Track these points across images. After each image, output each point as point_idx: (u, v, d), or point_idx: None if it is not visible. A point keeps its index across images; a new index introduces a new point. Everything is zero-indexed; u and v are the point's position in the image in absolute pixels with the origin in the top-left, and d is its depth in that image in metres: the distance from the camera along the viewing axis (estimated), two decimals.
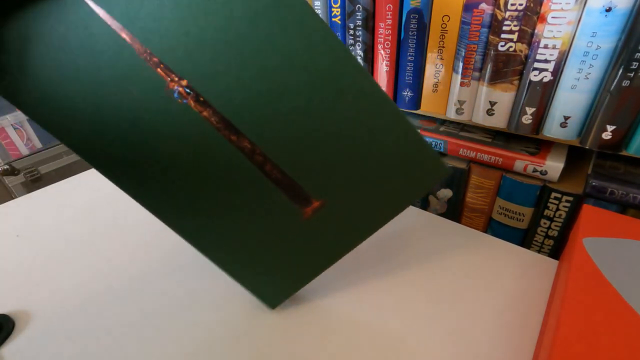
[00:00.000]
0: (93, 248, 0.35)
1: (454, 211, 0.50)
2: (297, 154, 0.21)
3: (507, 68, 0.38)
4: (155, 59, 0.18)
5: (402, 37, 0.43)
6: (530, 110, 0.38)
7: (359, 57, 0.47)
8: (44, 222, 0.40)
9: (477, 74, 0.41)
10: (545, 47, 0.35)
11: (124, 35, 0.18)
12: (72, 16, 0.17)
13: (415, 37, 0.42)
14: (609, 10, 0.30)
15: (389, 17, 0.43)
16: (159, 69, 0.18)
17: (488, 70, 0.39)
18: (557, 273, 0.29)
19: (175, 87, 0.18)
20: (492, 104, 0.41)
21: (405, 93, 0.47)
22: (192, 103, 0.19)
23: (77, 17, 0.17)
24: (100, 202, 0.42)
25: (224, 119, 0.19)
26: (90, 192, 0.45)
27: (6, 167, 1.56)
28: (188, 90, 0.18)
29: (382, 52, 0.46)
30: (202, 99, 0.19)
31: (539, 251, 0.45)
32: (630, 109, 0.33)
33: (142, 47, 0.18)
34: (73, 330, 0.27)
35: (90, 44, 0.18)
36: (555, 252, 0.44)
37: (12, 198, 1.59)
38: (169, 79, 0.18)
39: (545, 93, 0.37)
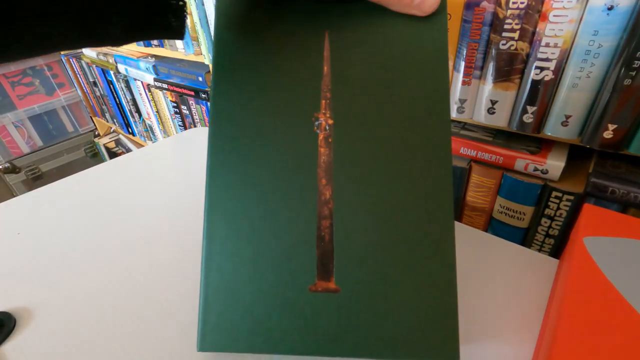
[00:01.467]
0: (94, 246, 0.35)
1: (454, 210, 0.50)
2: (354, 234, 0.22)
3: (508, 67, 0.38)
4: (328, 95, 0.22)
5: None
6: (531, 109, 0.38)
7: None
8: (44, 220, 0.40)
9: (478, 72, 0.41)
10: (547, 45, 0.35)
11: (325, 66, 0.22)
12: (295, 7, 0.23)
13: None
14: (610, 8, 0.30)
15: None
16: (323, 101, 0.22)
17: (489, 68, 0.39)
18: (557, 272, 0.29)
19: (322, 120, 0.22)
20: (493, 102, 0.41)
21: None
22: (321, 137, 0.22)
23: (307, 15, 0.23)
24: (101, 200, 0.42)
25: (331, 164, 0.22)
26: (91, 190, 0.45)
27: (7, 165, 1.57)
28: (327, 128, 0.22)
29: None
30: (330, 140, 0.22)
31: (539, 250, 0.45)
32: (632, 107, 0.33)
33: (328, 83, 0.22)
34: (74, 327, 0.28)
35: (297, 51, 0.23)
36: (556, 251, 0.44)
37: (13, 196, 1.59)
38: (324, 111, 0.22)
39: (546, 92, 0.37)
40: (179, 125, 1.07)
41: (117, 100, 1.35)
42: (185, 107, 0.98)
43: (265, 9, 0.23)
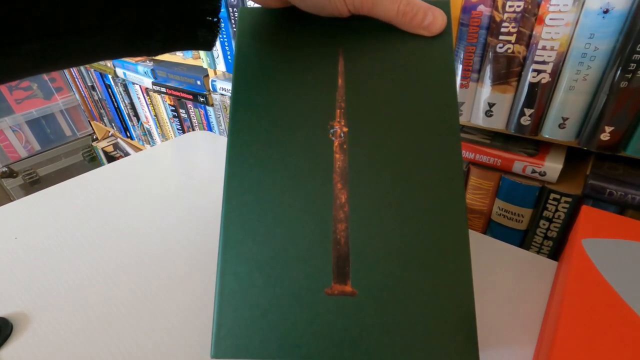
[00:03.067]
0: (91, 250, 0.35)
1: None
2: (370, 237, 0.22)
3: (505, 69, 0.38)
4: (342, 105, 0.24)
5: None
6: (528, 112, 0.39)
7: None
8: (42, 225, 0.40)
9: (475, 75, 0.41)
10: (544, 48, 0.35)
11: (340, 79, 0.24)
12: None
13: None
14: (606, 11, 0.31)
15: None
16: (338, 110, 0.24)
17: (487, 71, 0.39)
18: (556, 274, 0.29)
19: (337, 127, 0.23)
20: (491, 105, 0.41)
21: None
22: (336, 143, 0.23)
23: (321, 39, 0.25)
24: (98, 204, 0.42)
25: (346, 169, 0.23)
26: (89, 194, 0.44)
27: (4, 169, 1.56)
28: (342, 135, 0.23)
29: None
30: (345, 146, 0.23)
31: (538, 252, 0.45)
32: (629, 109, 0.33)
33: (342, 94, 0.24)
34: (71, 333, 0.27)
35: (314, 66, 0.24)
36: (555, 253, 0.44)
37: (11, 200, 1.58)
38: (338, 120, 0.23)
39: (543, 94, 0.37)
40: (177, 129, 1.07)
41: (115, 104, 1.35)
42: (183, 111, 0.98)
43: (284, 27, 0.25)
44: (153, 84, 1.02)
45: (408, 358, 0.21)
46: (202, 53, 0.78)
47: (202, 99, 0.89)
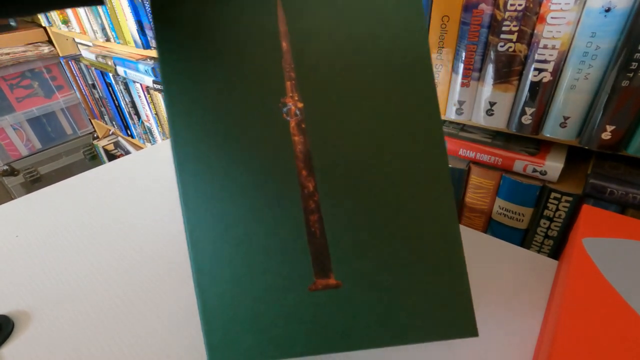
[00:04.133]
0: (92, 249, 0.35)
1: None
2: (347, 223, 0.20)
3: (507, 68, 0.38)
4: (292, 74, 0.20)
5: None
6: (529, 111, 0.39)
7: None
8: (43, 223, 0.40)
9: (476, 74, 0.41)
10: (545, 47, 0.35)
11: (283, 42, 0.20)
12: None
13: None
14: (608, 10, 0.31)
15: None
16: (288, 82, 0.20)
17: (488, 70, 0.39)
18: (556, 273, 0.29)
19: (290, 104, 0.20)
20: (492, 104, 0.41)
21: None
22: (292, 124, 0.20)
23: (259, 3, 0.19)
24: (99, 202, 0.42)
25: (309, 153, 0.20)
26: (90, 193, 0.45)
27: (6, 167, 1.56)
28: (298, 113, 0.20)
29: None
30: (303, 125, 0.20)
31: (538, 251, 0.45)
32: (630, 109, 0.33)
33: (290, 61, 0.20)
34: (72, 331, 0.27)
35: (247, 30, 0.20)
36: (555, 252, 0.44)
37: (12, 198, 1.59)
38: (291, 94, 0.20)
39: (545, 93, 0.37)
40: None
41: (116, 102, 1.35)
42: None
43: None
44: (154, 82, 1.02)
45: (403, 339, 0.20)
46: None
47: None
